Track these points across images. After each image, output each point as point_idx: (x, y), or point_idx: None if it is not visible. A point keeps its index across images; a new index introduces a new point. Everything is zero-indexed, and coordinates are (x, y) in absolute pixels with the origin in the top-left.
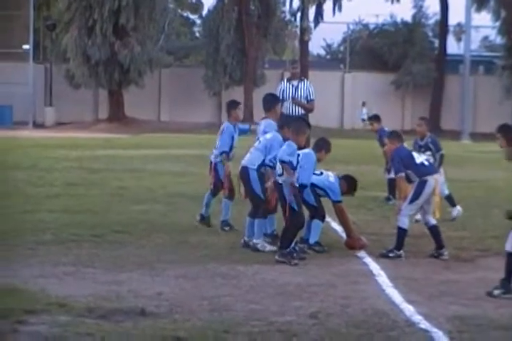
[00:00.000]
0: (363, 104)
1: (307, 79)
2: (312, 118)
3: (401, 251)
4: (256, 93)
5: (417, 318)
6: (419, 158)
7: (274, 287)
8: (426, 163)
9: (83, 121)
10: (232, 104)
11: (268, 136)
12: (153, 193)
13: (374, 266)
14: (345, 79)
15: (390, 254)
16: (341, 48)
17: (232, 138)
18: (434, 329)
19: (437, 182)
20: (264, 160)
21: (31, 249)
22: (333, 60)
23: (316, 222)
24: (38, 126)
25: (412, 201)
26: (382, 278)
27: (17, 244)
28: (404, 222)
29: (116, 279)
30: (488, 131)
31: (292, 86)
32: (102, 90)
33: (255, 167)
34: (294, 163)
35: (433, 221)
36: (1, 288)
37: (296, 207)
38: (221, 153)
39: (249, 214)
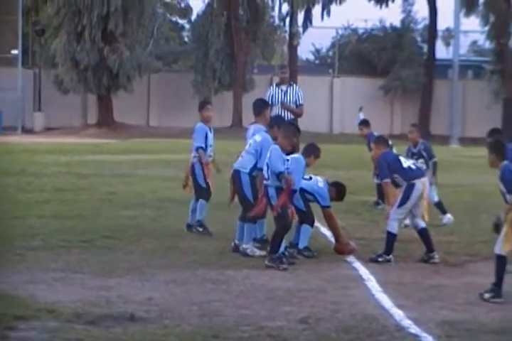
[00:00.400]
0: (360, 109)
1: (296, 84)
2: (301, 123)
3: (390, 256)
4: (245, 98)
5: (407, 323)
6: (406, 162)
7: (263, 292)
8: (413, 166)
9: (72, 126)
10: (200, 105)
11: (257, 138)
12: (142, 198)
13: (363, 270)
14: (334, 84)
15: (379, 259)
16: (330, 53)
17: (206, 136)
18: (424, 334)
19: (425, 186)
20: (256, 164)
21: (20, 254)
22: (321, 64)
23: (305, 226)
24: (27, 131)
25: (400, 205)
26: (372, 283)
27: (6, 249)
28: (393, 227)
29: (106, 285)
30: (477, 136)
31: (281, 91)
32: (90, 95)
33: (247, 170)
34: (283, 168)
35: (422, 224)
36: None
37: (281, 210)
38: (197, 149)
39: (239, 218)
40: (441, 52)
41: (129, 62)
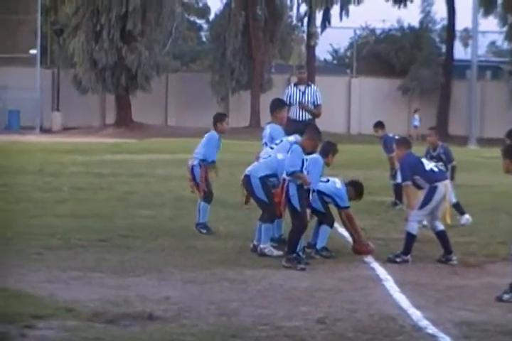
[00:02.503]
0: (415, 111)
1: (314, 84)
2: (319, 124)
3: (408, 256)
4: (263, 97)
5: (424, 323)
6: (429, 164)
7: (281, 292)
8: (435, 169)
9: (90, 126)
10: (219, 117)
11: (279, 156)
12: (160, 198)
13: (381, 271)
14: (352, 84)
15: (397, 259)
16: (348, 53)
17: (217, 148)
18: (442, 335)
19: (447, 188)
20: (269, 175)
21: (38, 253)
22: (339, 65)
23: (324, 227)
24: (45, 130)
25: (422, 207)
26: (390, 283)
27: (24, 248)
28: (413, 228)
29: (124, 284)
30: (495, 137)
31: (299, 91)
32: (109, 95)
33: (258, 176)
34: (299, 167)
35: (440, 226)
36: (9, 293)
37: (299, 209)
38: (211, 162)
39: (259, 219)
40: (460, 52)
41: (147, 62)
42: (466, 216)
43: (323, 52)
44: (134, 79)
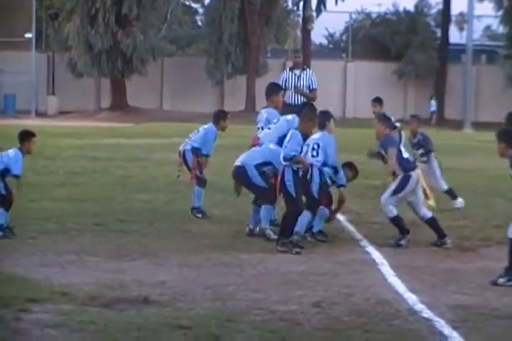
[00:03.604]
0: (431, 97)
1: (310, 69)
2: None
3: (408, 235)
4: (258, 82)
5: (420, 307)
6: (405, 152)
7: (276, 276)
8: (411, 158)
9: (85, 109)
10: (222, 115)
11: (271, 146)
12: (156, 182)
13: (377, 255)
14: (348, 68)
15: (401, 242)
16: (343, 37)
17: (214, 142)
18: (437, 318)
19: (420, 176)
20: (263, 163)
21: (34, 238)
22: (335, 49)
23: (320, 210)
24: (41, 114)
25: (394, 193)
26: (385, 267)
27: (20, 233)
28: (391, 211)
29: (120, 268)
30: (490, 120)
31: (295, 75)
32: (104, 79)
33: (253, 164)
34: (298, 153)
35: (428, 214)
36: (4, 277)
37: (294, 195)
38: (206, 155)
39: (253, 202)
40: (455, 36)
41: (142, 46)
42: (459, 199)
43: (318, 36)
44: (130, 63)
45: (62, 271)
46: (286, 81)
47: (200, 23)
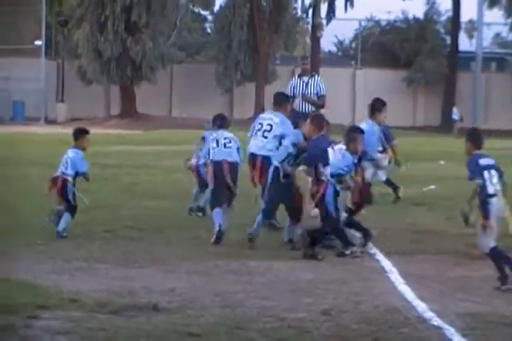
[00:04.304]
0: (454, 105)
1: (318, 75)
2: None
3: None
4: (267, 89)
5: (429, 315)
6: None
7: (286, 283)
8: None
9: (95, 117)
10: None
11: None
12: (165, 189)
13: (386, 262)
14: (357, 75)
15: (347, 252)
16: (353, 45)
17: None
18: (446, 326)
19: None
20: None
21: (44, 244)
22: (344, 56)
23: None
24: (50, 121)
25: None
26: (394, 275)
27: (30, 239)
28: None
29: (129, 275)
30: (499, 128)
31: (303, 82)
32: (113, 86)
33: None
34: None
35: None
36: (14, 284)
37: (333, 214)
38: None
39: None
40: (465, 44)
41: (151, 53)
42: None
43: (327, 43)
44: (139, 71)
45: (72, 278)
46: (294, 88)
47: (209, 31)
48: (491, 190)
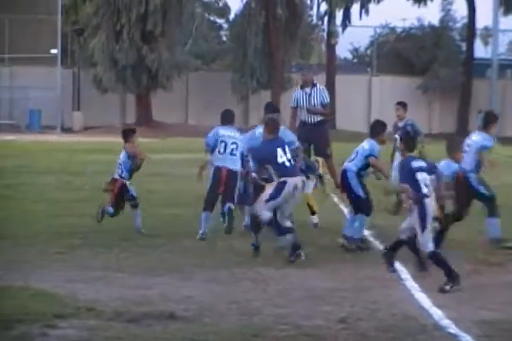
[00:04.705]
0: (480, 111)
1: (319, 84)
2: (339, 122)
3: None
4: (283, 97)
5: (446, 322)
6: (283, 157)
7: (302, 291)
8: (288, 163)
9: (111, 125)
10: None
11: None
12: (181, 197)
13: (402, 270)
14: (372, 82)
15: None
16: (368, 52)
17: None
18: (463, 334)
19: (299, 186)
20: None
21: (60, 253)
22: (360, 63)
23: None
24: (66, 130)
25: (268, 201)
26: (411, 283)
27: (46, 248)
28: (265, 214)
29: (145, 283)
30: None
31: (306, 93)
32: (129, 94)
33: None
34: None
35: (287, 224)
36: (31, 292)
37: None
38: None
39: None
40: (480, 51)
41: (167, 62)
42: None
43: (343, 50)
44: (155, 79)
45: (89, 287)
46: (297, 100)
47: (224, 39)
48: (424, 191)
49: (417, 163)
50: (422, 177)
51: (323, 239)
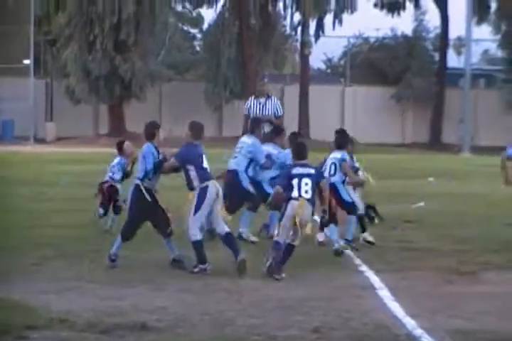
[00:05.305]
0: (461, 120)
1: (273, 96)
2: (312, 132)
3: (206, 264)
4: None
5: (419, 332)
6: (205, 161)
7: (275, 301)
8: (208, 168)
9: (84, 136)
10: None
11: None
12: None
13: (375, 279)
14: (346, 93)
15: (195, 270)
16: (342, 62)
17: None
18: None
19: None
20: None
21: (33, 264)
22: (333, 74)
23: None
24: (39, 140)
25: (196, 211)
26: (384, 292)
27: (19, 259)
28: (195, 234)
29: (118, 294)
30: (488, 145)
31: (259, 103)
32: (102, 104)
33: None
34: None
35: (226, 229)
36: (3, 304)
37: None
38: None
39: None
40: (453, 60)
41: (140, 72)
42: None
43: (316, 61)
44: (128, 89)
45: (61, 298)
46: (250, 109)
47: (198, 49)
48: (293, 194)
49: (297, 170)
50: (298, 182)
51: (296, 249)
